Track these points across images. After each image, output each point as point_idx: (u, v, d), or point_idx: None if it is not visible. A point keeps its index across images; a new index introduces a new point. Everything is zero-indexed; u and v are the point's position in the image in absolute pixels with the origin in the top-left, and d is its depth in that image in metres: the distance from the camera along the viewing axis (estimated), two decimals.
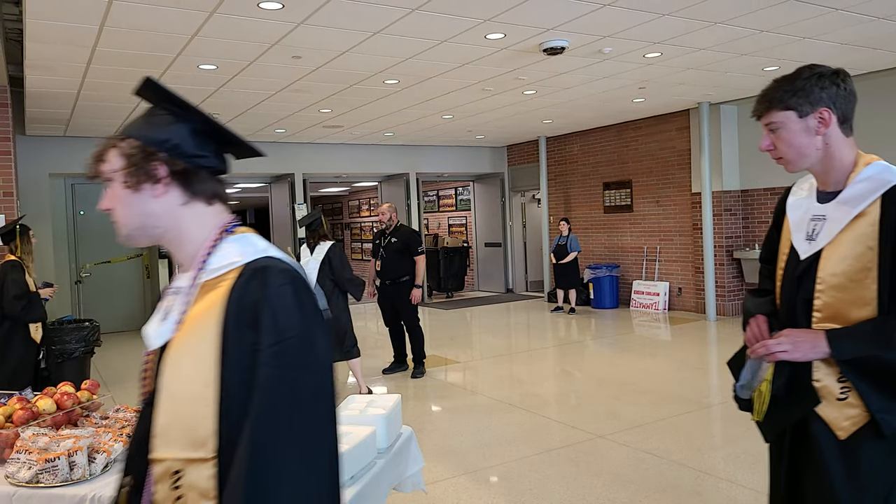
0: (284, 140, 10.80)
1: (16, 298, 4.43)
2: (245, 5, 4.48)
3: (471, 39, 5.43)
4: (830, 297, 1.57)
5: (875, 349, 1.49)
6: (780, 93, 1.60)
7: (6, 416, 2.20)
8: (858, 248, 1.54)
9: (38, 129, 8.70)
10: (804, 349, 1.55)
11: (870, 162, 1.59)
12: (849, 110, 1.60)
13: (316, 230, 5.65)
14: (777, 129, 1.61)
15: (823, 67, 1.60)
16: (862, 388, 1.50)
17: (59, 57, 5.51)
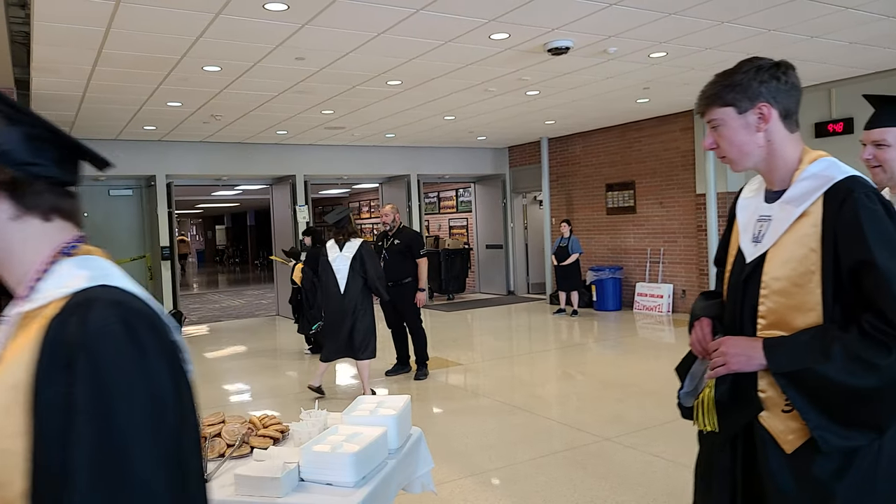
0: (286, 142, 10.81)
1: None
2: (250, 6, 4.49)
3: (475, 40, 5.44)
4: (774, 303, 1.49)
5: (812, 362, 1.40)
6: (719, 88, 1.53)
7: None
8: (801, 251, 1.46)
9: None
10: (740, 362, 1.49)
11: (815, 158, 1.51)
12: (791, 104, 1.51)
13: (344, 227, 5.66)
14: (718, 127, 1.54)
15: (764, 60, 1.52)
16: (799, 403, 1.42)
17: (66, 59, 5.53)
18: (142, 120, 8.33)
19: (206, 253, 34.41)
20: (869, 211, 1.40)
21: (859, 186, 1.43)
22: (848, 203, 1.41)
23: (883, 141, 2.06)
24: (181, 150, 10.28)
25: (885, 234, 1.40)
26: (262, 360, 7.94)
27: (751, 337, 1.52)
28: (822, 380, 1.39)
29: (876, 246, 1.38)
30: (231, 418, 2.32)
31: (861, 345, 1.38)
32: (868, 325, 1.39)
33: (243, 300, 15.02)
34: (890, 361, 1.36)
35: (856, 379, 1.37)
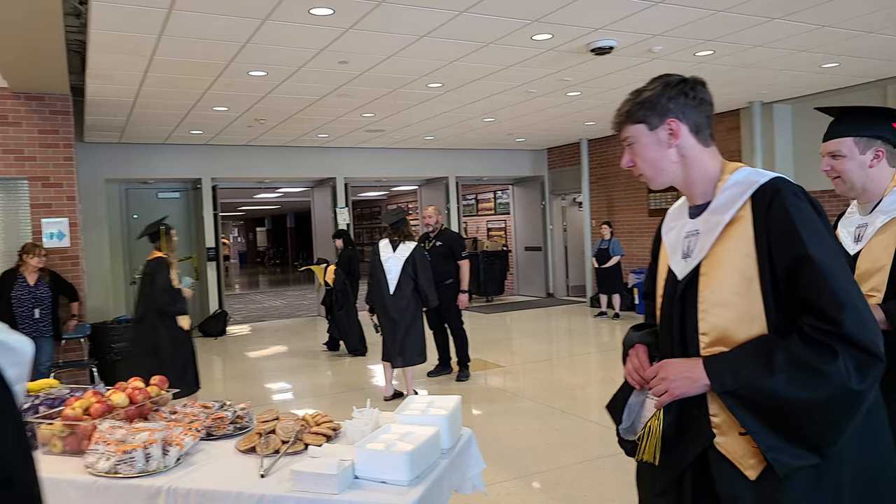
0: (326, 145, 10.96)
1: (162, 292, 4.82)
2: (296, 12, 4.57)
3: (517, 41, 5.43)
4: (716, 317, 1.41)
5: (756, 376, 1.32)
6: (630, 106, 1.53)
7: (84, 409, 2.28)
8: (736, 258, 1.40)
9: (95, 137, 9.03)
10: (683, 385, 1.40)
11: (736, 168, 1.50)
12: (701, 119, 1.49)
13: (400, 229, 5.68)
14: (632, 144, 1.53)
15: (672, 76, 1.51)
16: (749, 423, 1.33)
17: (119, 66, 5.71)
18: (189, 124, 8.55)
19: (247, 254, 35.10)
20: (798, 207, 1.37)
21: (786, 185, 1.41)
22: (776, 201, 1.38)
23: (837, 152, 2.10)
24: (226, 154, 10.51)
25: (818, 230, 1.36)
26: (302, 359, 8.06)
27: (690, 357, 1.44)
28: (770, 395, 1.31)
29: (810, 241, 1.34)
30: (284, 415, 2.36)
31: (804, 351, 1.30)
32: (808, 328, 1.32)
33: (284, 300, 15.27)
34: (836, 366, 1.28)
35: (804, 391, 1.29)
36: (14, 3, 4.18)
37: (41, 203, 6.45)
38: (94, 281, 8.87)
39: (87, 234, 8.46)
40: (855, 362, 1.28)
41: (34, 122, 6.42)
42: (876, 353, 1.30)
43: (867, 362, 1.29)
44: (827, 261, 1.33)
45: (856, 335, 1.29)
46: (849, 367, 1.28)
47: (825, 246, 1.35)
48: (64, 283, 6.14)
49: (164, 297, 4.84)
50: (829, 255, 1.34)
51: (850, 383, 1.27)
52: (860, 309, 1.31)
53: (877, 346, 1.30)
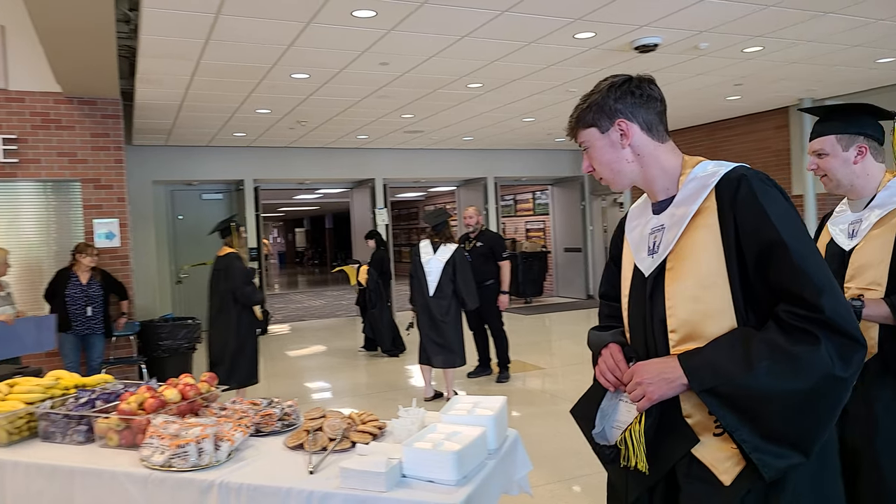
0: (366, 146, 11.06)
1: (245, 284, 5.08)
2: (339, 14, 4.61)
3: (559, 40, 5.38)
4: (684, 312, 1.37)
5: (736, 371, 1.26)
6: (580, 111, 1.52)
7: (138, 404, 2.34)
8: (703, 251, 1.37)
9: (143, 140, 9.29)
10: (660, 388, 1.34)
11: (698, 162, 1.47)
12: (651, 117, 1.47)
13: (442, 231, 5.68)
14: (588, 149, 1.52)
15: (618, 77, 1.49)
16: (731, 421, 1.27)
17: (167, 71, 5.87)
18: (232, 127, 8.73)
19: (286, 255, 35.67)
20: (767, 193, 1.33)
21: (750, 172, 1.38)
22: (743, 188, 1.34)
23: (821, 150, 2.12)
24: (267, 156, 10.70)
25: (788, 214, 1.32)
26: (341, 358, 8.14)
27: (663, 357, 1.39)
28: (752, 390, 1.25)
29: (781, 225, 1.30)
30: (331, 413, 2.38)
31: (784, 339, 1.25)
32: (786, 315, 1.27)
33: (324, 300, 15.46)
34: (819, 353, 1.22)
35: (787, 381, 1.24)
36: (69, 11, 4.33)
37: (93, 204, 6.67)
38: (141, 280, 9.12)
39: (135, 234, 8.71)
40: (837, 348, 1.23)
41: (86, 126, 6.63)
42: (857, 337, 1.25)
43: (850, 347, 1.24)
44: (800, 245, 1.29)
45: (836, 320, 1.24)
46: (832, 354, 1.23)
47: (797, 230, 1.31)
48: (114, 282, 6.33)
49: (248, 288, 5.07)
50: (802, 239, 1.30)
51: (834, 370, 1.23)
52: (838, 293, 1.27)
53: (858, 331, 1.25)
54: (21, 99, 6.36)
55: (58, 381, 2.69)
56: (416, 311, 5.79)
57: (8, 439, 2.36)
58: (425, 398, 5.74)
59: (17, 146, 6.32)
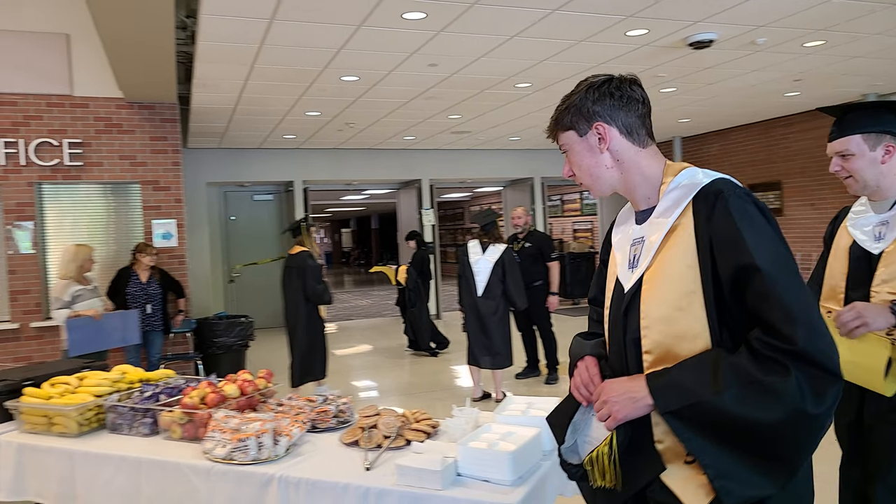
0: (412, 147, 11.13)
1: (317, 282, 5.31)
2: (390, 16, 4.65)
3: (610, 37, 5.30)
4: (658, 333, 1.29)
5: (704, 394, 1.18)
6: (559, 113, 1.44)
7: (200, 398, 2.41)
8: (677, 269, 1.28)
9: (197, 143, 9.58)
10: (626, 407, 1.28)
11: (681, 170, 1.38)
12: (631, 119, 1.38)
13: (490, 231, 5.69)
14: (567, 152, 1.44)
15: (598, 77, 1.40)
16: (696, 446, 1.20)
17: (222, 75, 6.03)
18: (283, 129, 8.91)
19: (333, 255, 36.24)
20: (743, 211, 1.24)
21: (729, 186, 1.29)
22: (719, 205, 1.25)
23: (846, 151, 2.04)
24: (316, 157, 10.88)
25: (764, 235, 1.23)
26: (387, 358, 8.21)
27: (632, 376, 1.33)
28: (718, 414, 1.17)
29: (756, 248, 1.21)
30: (385, 411, 2.40)
31: (755, 367, 1.16)
32: (758, 343, 1.18)
33: (370, 300, 15.63)
34: (790, 385, 1.14)
35: (756, 411, 1.15)
36: (132, 20, 4.50)
37: (151, 205, 6.91)
38: (196, 279, 9.41)
39: (190, 234, 8.99)
40: (810, 381, 1.14)
41: (146, 130, 6.88)
42: (833, 370, 1.15)
43: (824, 381, 1.15)
44: (774, 270, 1.19)
45: (810, 351, 1.14)
46: (803, 387, 1.14)
47: (772, 253, 1.21)
48: (172, 281, 6.55)
49: (319, 287, 5.24)
50: (777, 263, 1.20)
51: (805, 405, 1.13)
52: (814, 322, 1.17)
53: (834, 363, 1.15)
54: (85, 105, 6.64)
55: (123, 376, 2.80)
56: (465, 311, 5.79)
57: (78, 430, 2.47)
58: (474, 398, 5.73)
59: (82, 150, 6.61)
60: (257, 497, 2.01)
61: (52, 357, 6.43)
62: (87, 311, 5.22)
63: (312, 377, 5.45)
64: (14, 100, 6.39)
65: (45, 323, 6.45)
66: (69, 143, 6.55)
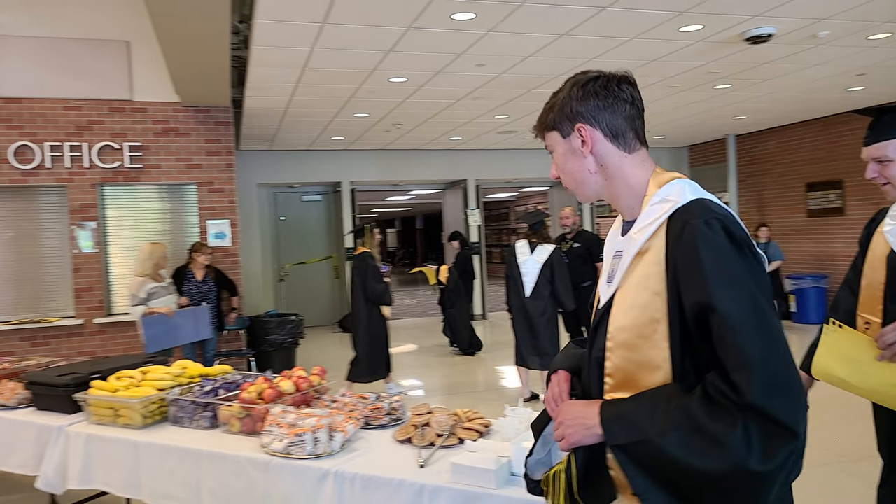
0: (459, 147, 11.14)
1: (376, 282, 5.51)
2: (439, 17, 4.67)
3: (663, 34, 5.19)
4: (620, 358, 1.21)
5: (650, 433, 1.10)
6: (544, 111, 1.35)
7: (257, 394, 2.47)
8: (644, 294, 1.18)
9: (249, 145, 9.82)
10: (578, 434, 1.21)
11: (668, 181, 1.25)
12: (618, 121, 1.27)
13: (539, 231, 5.68)
14: (552, 154, 1.36)
15: (585, 74, 1.30)
16: (640, 484, 1.12)
17: (275, 79, 6.16)
18: (331, 131, 9.05)
19: None
20: (709, 242, 1.11)
21: (701, 212, 1.15)
22: (686, 233, 1.14)
23: (884, 156, 1.94)
24: (364, 158, 11.01)
25: (727, 271, 1.10)
26: (432, 357, 8.25)
27: (589, 401, 1.25)
28: (663, 456, 1.09)
29: (715, 286, 1.09)
30: (437, 409, 2.41)
31: (704, 413, 1.07)
32: (711, 388, 1.08)
33: (416, 300, 15.73)
34: (736, 438, 1.03)
35: (700, 459, 1.06)
36: (190, 27, 4.65)
37: (206, 206, 7.12)
38: (248, 278, 9.65)
39: (242, 234, 9.22)
40: (762, 436, 1.03)
41: (201, 133, 7.09)
42: (789, 426, 1.03)
43: (776, 437, 1.03)
44: (734, 312, 1.08)
45: (762, 404, 1.03)
46: (751, 442, 1.03)
47: (734, 293, 1.09)
48: (226, 279, 6.73)
49: (379, 286, 5.37)
50: (740, 304, 1.08)
51: (748, 462, 1.03)
52: (774, 373, 1.05)
53: (791, 418, 1.04)
54: (144, 109, 6.89)
55: (184, 371, 2.90)
56: (512, 312, 5.76)
57: (143, 422, 2.56)
58: (523, 399, 5.70)
59: (141, 153, 6.86)
60: (314, 491, 2.04)
61: (113, 352, 6.70)
62: (161, 308, 5.41)
63: (377, 375, 5.60)
64: (78, 105, 6.68)
65: (107, 319, 6.72)
66: (129, 147, 6.81)
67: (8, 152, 6.44)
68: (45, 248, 6.77)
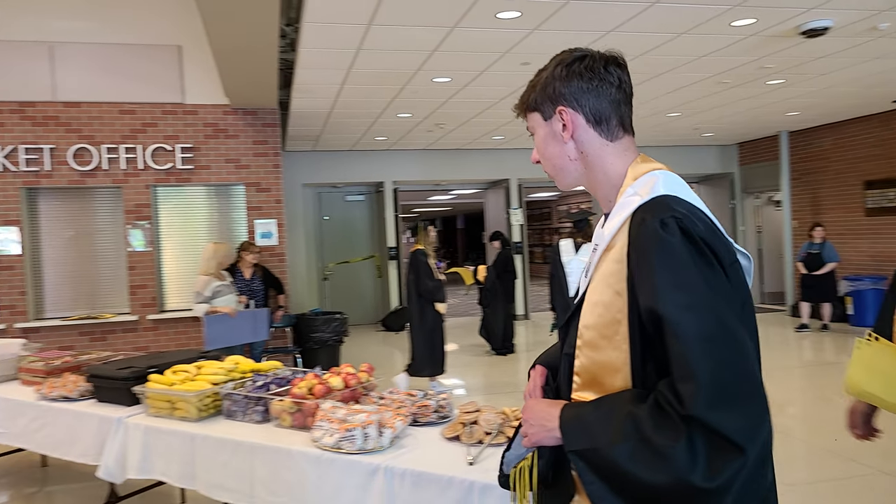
0: (501, 147, 11.10)
1: (428, 279, 5.66)
2: (483, 17, 4.66)
3: (714, 28, 5.07)
4: (586, 358, 1.15)
5: (602, 441, 1.05)
6: (527, 90, 1.26)
7: (308, 389, 2.51)
8: (608, 293, 1.12)
9: (294, 146, 10.00)
10: (539, 434, 1.16)
11: (644, 172, 1.16)
12: (603, 106, 1.18)
13: (584, 230, 5.68)
14: (534, 136, 1.27)
15: (571, 52, 1.21)
16: (596, 489, 1.07)
17: (321, 81, 6.26)
18: (375, 131, 9.13)
19: None
20: (663, 245, 1.04)
21: (659, 209, 1.07)
22: (642, 233, 1.07)
23: None
24: (406, 158, 11.08)
25: (677, 275, 1.02)
26: (473, 356, 8.24)
27: (554, 401, 1.20)
28: (614, 466, 1.03)
29: (664, 291, 1.02)
30: (485, 408, 2.41)
31: (651, 423, 1.01)
32: (660, 396, 1.01)
33: (457, 299, 15.73)
34: (678, 451, 0.96)
35: (646, 471, 1.00)
36: (241, 31, 4.76)
37: (254, 206, 7.28)
38: (293, 276, 9.82)
39: (287, 233, 9.39)
40: (707, 451, 0.97)
41: (249, 135, 7.25)
42: (738, 443, 0.96)
43: (722, 453, 0.96)
44: (680, 319, 1.01)
45: (706, 418, 0.96)
46: (696, 456, 0.96)
47: (684, 299, 1.02)
48: (273, 278, 6.86)
49: (431, 283, 5.46)
50: (688, 310, 1.01)
51: (691, 477, 0.96)
52: (723, 384, 0.98)
53: (739, 434, 0.96)
54: (195, 112, 7.09)
55: (236, 366, 2.97)
56: (556, 311, 5.72)
57: (198, 415, 2.64)
58: None
59: (192, 154, 7.05)
60: (364, 485, 2.07)
61: (165, 347, 6.91)
62: (225, 308, 5.56)
63: (435, 371, 5.68)
64: (133, 109, 6.91)
65: (159, 315, 6.94)
66: (181, 148, 7.01)
67: (68, 154, 6.71)
68: (101, 246, 7.04)
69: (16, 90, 6.62)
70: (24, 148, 6.62)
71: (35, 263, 6.86)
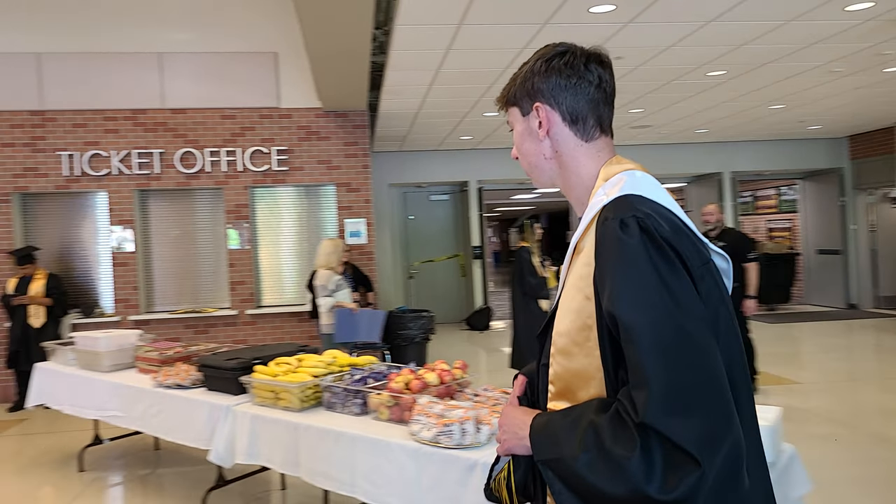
0: None
1: (530, 276, 5.79)
2: (577, 11, 4.58)
3: (825, 14, 4.74)
4: (559, 366, 1.11)
5: (566, 451, 1.00)
6: (508, 83, 1.22)
7: (405, 384, 2.55)
8: (578, 298, 1.07)
9: (381, 147, 10.21)
10: (511, 442, 1.15)
11: (615, 174, 1.11)
12: (580, 104, 1.14)
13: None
14: (513, 131, 1.23)
15: (554, 47, 1.15)
16: (565, 499, 1.01)
17: (409, 82, 6.35)
18: (460, 131, 9.17)
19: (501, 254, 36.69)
20: (619, 244, 1.00)
21: (621, 209, 1.03)
22: (604, 234, 1.03)
23: None
24: (490, 157, 11.06)
25: (634, 278, 0.97)
26: None
27: (529, 409, 1.18)
28: (577, 477, 0.99)
29: (620, 293, 0.98)
30: None
31: (610, 433, 0.96)
32: (619, 404, 0.97)
33: None
34: (634, 461, 0.91)
35: (605, 482, 0.95)
36: (336, 37, 4.90)
37: (344, 205, 7.49)
38: (380, 274, 10.03)
39: (375, 232, 9.59)
40: (663, 462, 0.91)
41: (340, 136, 7.47)
42: (693, 454, 0.89)
43: (677, 465, 0.90)
44: (635, 324, 0.96)
45: (659, 427, 0.91)
46: (652, 467, 0.91)
47: (640, 302, 0.96)
48: (362, 276, 7.03)
49: (534, 281, 5.56)
50: (643, 314, 0.96)
51: (647, 488, 0.90)
52: (679, 392, 0.92)
53: (695, 445, 0.89)
54: (289, 115, 7.38)
55: (335, 360, 3.05)
56: None
57: (300, 405, 2.73)
58: None
59: (287, 156, 7.35)
60: (462, 480, 2.07)
61: (262, 340, 7.24)
62: (348, 304, 5.77)
63: None
64: (233, 114, 7.28)
65: (256, 311, 7.27)
66: (277, 151, 7.32)
67: (174, 158, 7.15)
68: (203, 245, 7.46)
69: (129, 99, 7.14)
70: (136, 153, 7.12)
71: (146, 260, 7.36)
